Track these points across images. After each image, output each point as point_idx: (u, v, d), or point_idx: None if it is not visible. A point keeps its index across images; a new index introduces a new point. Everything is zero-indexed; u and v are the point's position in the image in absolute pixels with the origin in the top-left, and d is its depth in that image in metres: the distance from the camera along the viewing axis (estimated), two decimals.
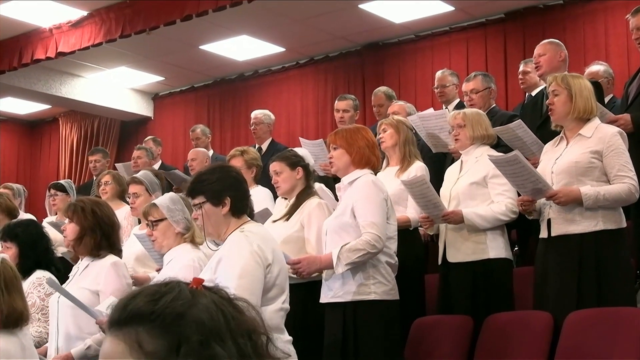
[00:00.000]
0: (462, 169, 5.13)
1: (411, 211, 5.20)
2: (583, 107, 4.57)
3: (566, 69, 5.85)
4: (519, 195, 4.73)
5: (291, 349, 3.71)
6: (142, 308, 1.32)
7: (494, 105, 6.38)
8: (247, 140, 10.39)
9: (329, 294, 4.48)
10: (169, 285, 1.38)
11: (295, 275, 4.44)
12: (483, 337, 4.75)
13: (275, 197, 5.60)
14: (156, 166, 8.72)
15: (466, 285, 4.94)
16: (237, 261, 3.52)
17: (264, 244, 3.64)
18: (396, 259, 4.51)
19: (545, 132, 5.08)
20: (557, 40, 6.11)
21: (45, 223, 6.30)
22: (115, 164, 9.42)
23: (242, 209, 3.75)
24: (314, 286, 4.64)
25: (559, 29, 9.18)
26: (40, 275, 4.85)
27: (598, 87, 5.52)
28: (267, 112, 8.33)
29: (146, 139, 9.97)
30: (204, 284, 1.41)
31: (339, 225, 4.43)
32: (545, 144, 4.99)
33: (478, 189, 4.96)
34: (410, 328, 5.06)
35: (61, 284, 4.49)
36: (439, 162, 6.09)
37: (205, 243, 4.32)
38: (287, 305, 3.75)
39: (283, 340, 3.66)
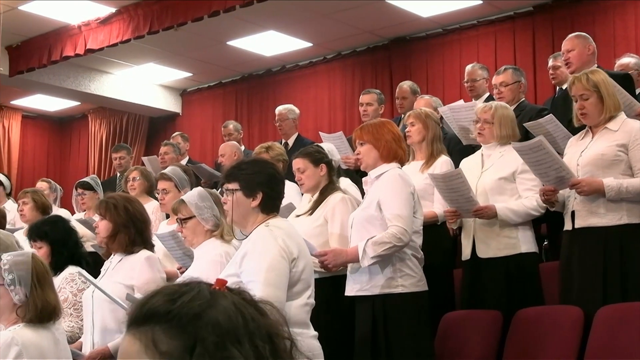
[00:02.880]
0: (485, 163, 5.08)
1: (438, 206, 5.17)
2: (613, 105, 4.55)
3: (595, 62, 5.79)
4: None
5: (317, 344, 3.71)
6: (160, 307, 1.32)
7: (523, 99, 6.33)
8: (274, 135, 10.40)
9: (355, 287, 4.47)
10: (189, 285, 1.37)
11: (321, 269, 4.44)
12: (513, 332, 4.73)
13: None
14: (183, 162, 8.76)
15: (499, 280, 4.90)
16: (263, 255, 3.52)
17: (289, 238, 3.64)
18: (422, 253, 4.49)
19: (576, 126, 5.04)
20: (584, 34, 6.04)
21: (73, 220, 6.35)
22: (142, 158, 9.48)
23: (272, 207, 3.75)
24: (339, 280, 4.64)
25: (588, 21, 9.10)
26: (73, 271, 4.86)
27: (628, 79, 5.46)
28: (291, 107, 8.30)
29: (174, 134, 10.02)
30: (227, 285, 1.40)
31: (365, 218, 4.42)
32: None
33: (506, 184, 4.92)
34: (439, 322, 5.05)
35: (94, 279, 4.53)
36: (467, 156, 6.04)
37: (234, 238, 4.33)
38: (312, 300, 3.75)
39: (309, 336, 3.66)
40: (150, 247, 4.46)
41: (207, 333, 1.28)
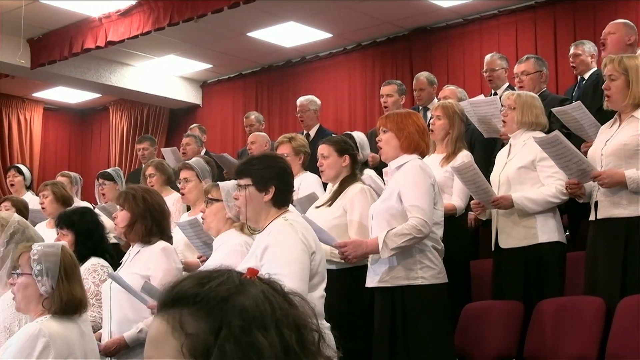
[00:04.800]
0: (510, 153, 5.07)
1: (456, 199, 5.18)
2: (639, 93, 4.49)
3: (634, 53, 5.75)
4: None
5: (331, 335, 3.72)
6: (188, 291, 1.34)
7: (545, 89, 6.30)
8: (295, 126, 10.40)
9: (375, 279, 4.47)
10: (219, 271, 1.38)
11: (342, 260, 4.45)
12: (534, 322, 4.72)
13: (325, 182, 5.60)
14: (201, 153, 8.78)
15: (518, 271, 4.89)
16: (286, 248, 3.55)
17: (307, 232, 3.68)
18: (442, 245, 4.50)
19: (606, 114, 5.00)
20: (631, 23, 5.97)
21: (96, 209, 6.39)
22: (162, 149, 9.51)
23: (284, 201, 3.79)
24: (359, 271, 4.64)
25: (610, 10, 9.02)
26: (95, 262, 4.91)
27: None
28: (312, 98, 8.31)
29: (192, 126, 10.05)
30: (258, 275, 1.41)
31: (385, 209, 4.42)
32: None
33: (527, 173, 4.90)
34: (457, 314, 5.04)
35: (114, 270, 4.57)
36: (489, 147, 6.04)
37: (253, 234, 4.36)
38: (324, 293, 3.78)
39: (326, 327, 3.67)
40: (167, 238, 4.50)
41: (233, 317, 1.30)
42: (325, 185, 5.60)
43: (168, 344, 1.31)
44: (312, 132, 8.04)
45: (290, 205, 3.91)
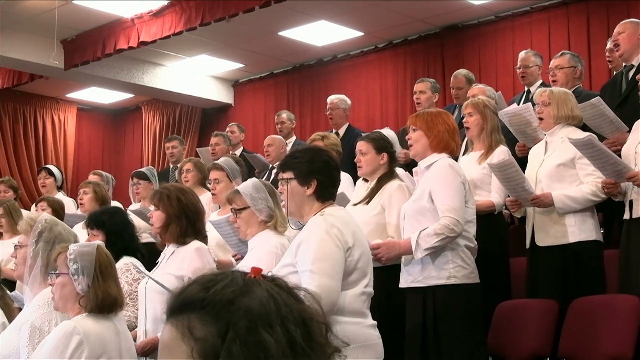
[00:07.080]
0: (547, 150, 5.03)
1: (495, 195, 5.14)
2: None
3: None
4: None
5: (374, 333, 3.70)
6: (194, 296, 1.37)
7: (579, 85, 6.25)
8: (326, 125, 10.38)
9: (408, 279, 4.46)
10: (223, 274, 1.42)
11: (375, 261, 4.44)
12: (568, 321, 4.68)
13: (355, 180, 5.59)
14: (238, 152, 8.80)
15: (556, 269, 4.86)
16: (316, 244, 3.51)
17: (345, 227, 3.61)
18: (475, 242, 4.46)
19: (625, 111, 4.96)
20: (637, 20, 5.94)
21: (128, 210, 6.43)
22: (197, 149, 9.54)
23: (327, 195, 3.74)
24: (397, 270, 4.62)
25: None
26: (128, 262, 4.92)
27: None
28: (342, 96, 8.31)
29: (230, 124, 10.06)
30: (262, 273, 1.44)
31: (416, 209, 4.41)
32: (625, 123, 4.87)
33: (565, 171, 4.87)
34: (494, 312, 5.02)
35: (148, 270, 4.58)
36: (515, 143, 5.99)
37: (288, 227, 4.36)
38: (370, 290, 3.71)
39: (365, 325, 3.63)
40: (202, 238, 4.49)
41: (239, 318, 1.33)
42: (355, 182, 5.58)
43: (179, 350, 1.35)
44: (341, 131, 8.05)
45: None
